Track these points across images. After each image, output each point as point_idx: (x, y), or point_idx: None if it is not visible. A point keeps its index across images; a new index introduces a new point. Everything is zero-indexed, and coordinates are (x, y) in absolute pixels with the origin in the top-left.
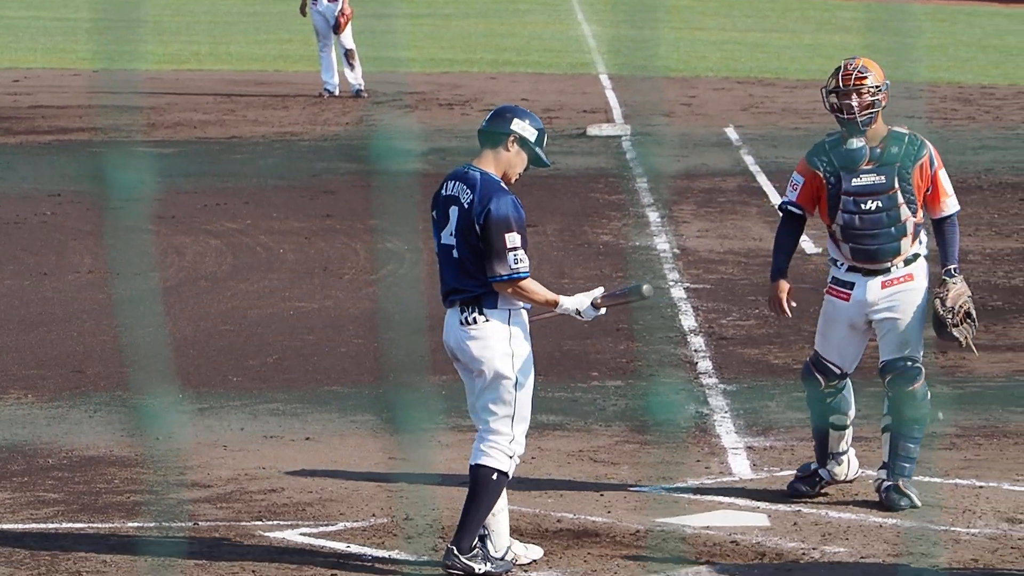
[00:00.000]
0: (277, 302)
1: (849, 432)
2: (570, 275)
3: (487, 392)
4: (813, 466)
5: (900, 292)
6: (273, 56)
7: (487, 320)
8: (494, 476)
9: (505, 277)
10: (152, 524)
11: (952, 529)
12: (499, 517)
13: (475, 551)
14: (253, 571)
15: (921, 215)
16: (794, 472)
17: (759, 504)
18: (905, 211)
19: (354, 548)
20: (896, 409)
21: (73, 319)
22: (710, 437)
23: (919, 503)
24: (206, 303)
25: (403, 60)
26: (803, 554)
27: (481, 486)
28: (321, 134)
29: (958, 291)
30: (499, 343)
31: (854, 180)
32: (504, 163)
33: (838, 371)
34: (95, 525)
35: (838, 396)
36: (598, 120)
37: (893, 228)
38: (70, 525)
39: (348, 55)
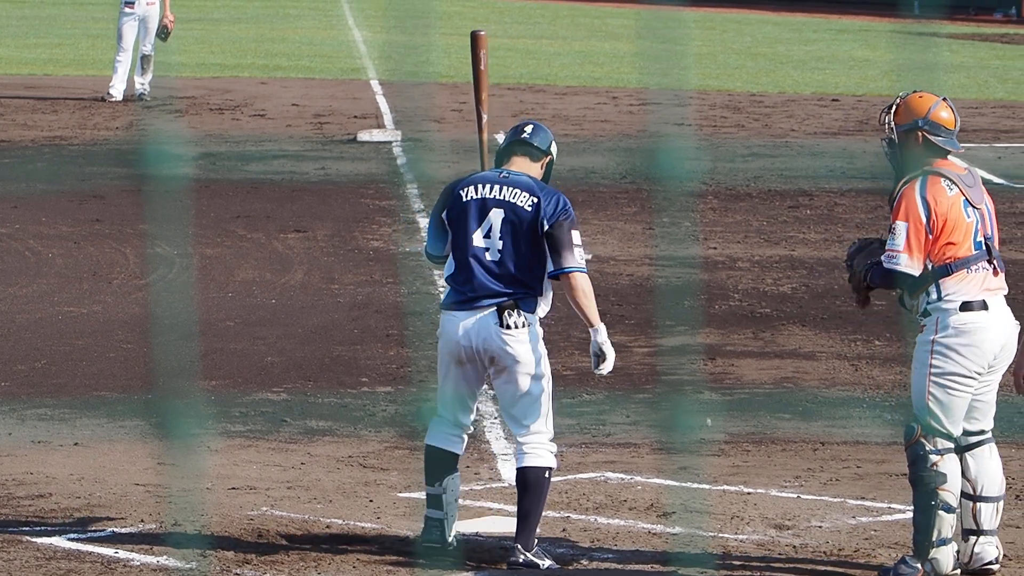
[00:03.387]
0: (46, 307)
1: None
2: (340, 280)
3: (526, 394)
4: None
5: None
6: (43, 60)
7: (530, 325)
8: (546, 474)
9: (575, 269)
10: None
11: (720, 535)
12: (455, 508)
13: (537, 548)
14: None
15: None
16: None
17: None
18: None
19: (122, 554)
20: None
21: None
22: (479, 443)
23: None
24: None
25: (173, 64)
26: (572, 560)
27: (535, 486)
28: (91, 139)
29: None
30: (538, 345)
31: None
32: (534, 175)
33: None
34: None
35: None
36: (369, 126)
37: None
38: None
39: (145, 60)
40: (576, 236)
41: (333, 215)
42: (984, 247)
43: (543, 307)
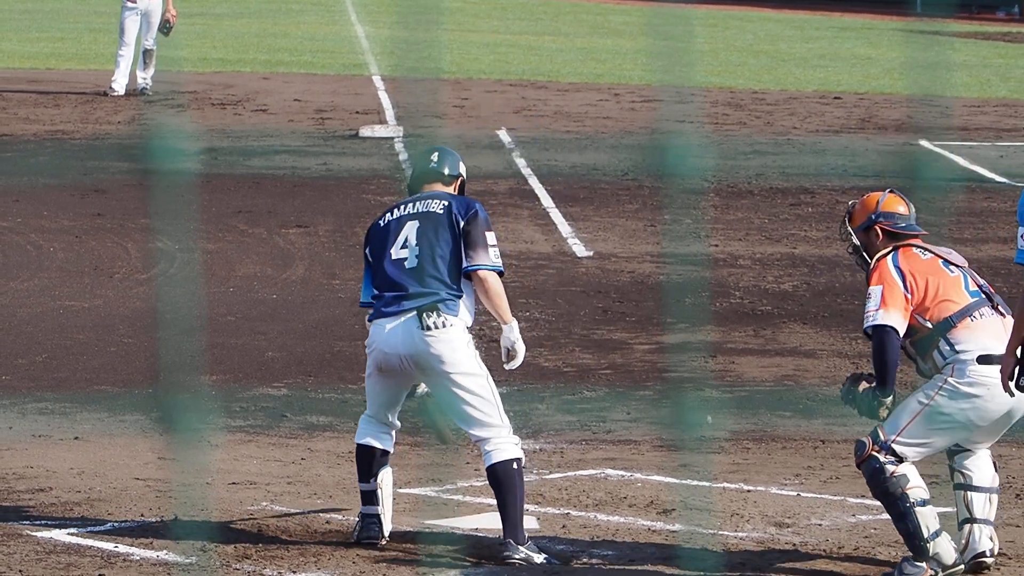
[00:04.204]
0: (47, 301)
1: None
2: (341, 276)
3: (466, 394)
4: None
5: None
6: (45, 54)
7: (452, 325)
8: (515, 466)
9: (489, 266)
10: None
11: (720, 533)
12: (390, 502)
13: (531, 542)
14: (20, 571)
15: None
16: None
17: (528, 507)
18: None
19: (122, 548)
20: None
21: None
22: None
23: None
24: None
25: (175, 59)
26: (572, 556)
27: (508, 480)
28: (93, 133)
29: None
30: (464, 345)
31: None
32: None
33: None
34: None
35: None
36: (371, 121)
37: None
38: None
39: (148, 55)
40: (491, 237)
41: (335, 210)
42: (982, 294)
43: (467, 315)
